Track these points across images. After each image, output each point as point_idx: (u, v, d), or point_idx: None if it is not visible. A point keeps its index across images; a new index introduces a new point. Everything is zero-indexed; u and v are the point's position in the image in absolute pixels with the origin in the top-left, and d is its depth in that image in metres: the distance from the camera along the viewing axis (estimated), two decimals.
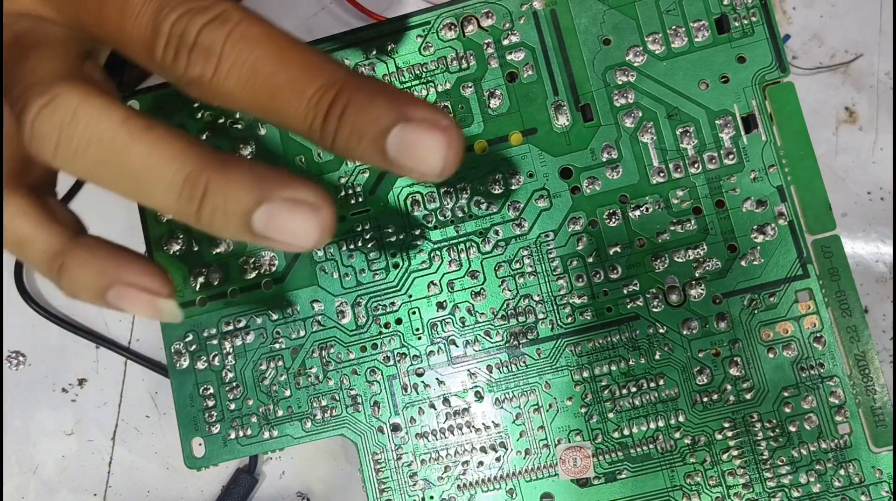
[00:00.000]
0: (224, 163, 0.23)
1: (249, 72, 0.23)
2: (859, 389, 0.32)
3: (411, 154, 0.22)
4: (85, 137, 0.23)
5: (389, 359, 0.34)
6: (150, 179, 0.23)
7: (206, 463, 0.35)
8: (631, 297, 0.33)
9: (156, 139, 0.23)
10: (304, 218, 0.23)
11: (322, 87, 0.22)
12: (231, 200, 0.23)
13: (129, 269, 0.26)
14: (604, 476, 0.33)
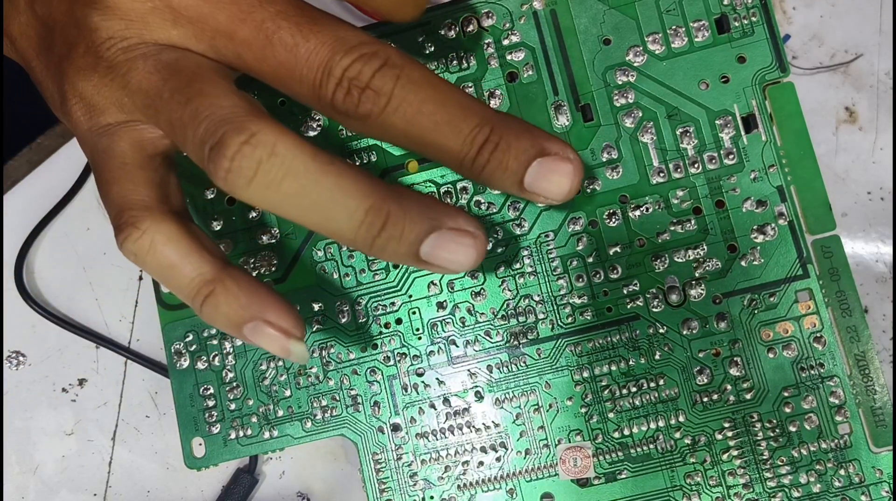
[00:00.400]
0: (400, 195, 0.26)
1: (414, 111, 0.26)
2: (859, 389, 0.32)
3: (545, 183, 0.27)
4: (281, 171, 0.25)
5: (389, 359, 0.34)
6: (336, 210, 0.25)
7: (206, 463, 0.35)
8: (631, 297, 0.33)
9: (340, 173, 0.25)
10: (465, 245, 0.26)
11: (477, 125, 0.26)
12: (407, 229, 0.26)
13: (270, 307, 0.28)
14: (604, 476, 0.33)
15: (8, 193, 0.41)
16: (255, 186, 0.25)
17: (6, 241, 0.40)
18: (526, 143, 0.27)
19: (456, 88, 0.27)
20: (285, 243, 0.34)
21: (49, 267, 0.40)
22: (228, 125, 0.25)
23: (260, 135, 0.25)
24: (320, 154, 0.25)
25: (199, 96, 0.26)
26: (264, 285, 0.29)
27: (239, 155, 0.24)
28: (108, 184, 0.28)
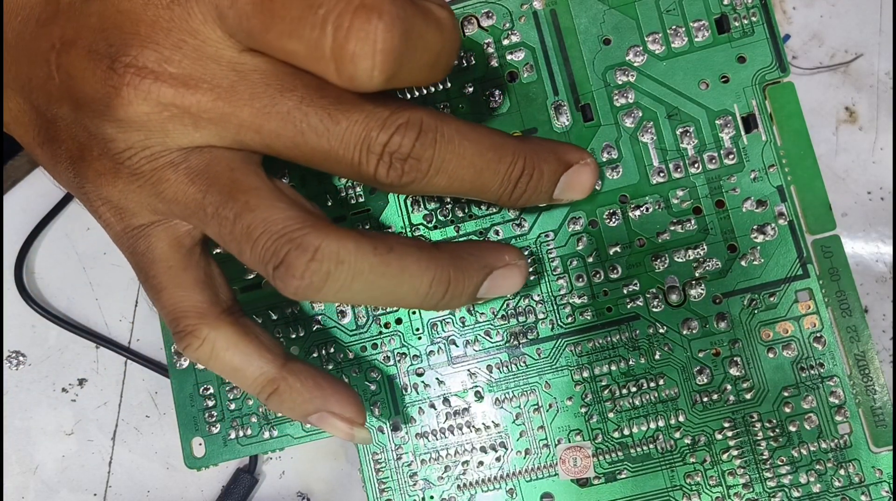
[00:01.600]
0: (454, 255, 0.28)
1: (455, 167, 0.27)
2: (859, 389, 0.32)
3: (571, 192, 0.31)
4: (350, 276, 0.26)
5: (389, 359, 0.34)
6: (403, 291, 0.27)
7: (206, 463, 0.35)
8: (631, 297, 0.33)
9: (401, 259, 0.26)
10: (512, 277, 0.30)
11: (510, 163, 0.28)
12: (466, 284, 0.28)
13: (333, 399, 0.29)
14: (604, 475, 0.33)
15: (8, 193, 0.41)
16: (326, 292, 0.26)
17: (6, 241, 0.40)
18: (553, 164, 0.30)
19: (483, 126, 0.28)
20: None
21: (49, 267, 0.40)
22: (290, 244, 0.25)
23: (323, 249, 0.25)
24: (379, 245, 0.26)
25: (246, 211, 0.26)
26: (325, 376, 0.30)
27: (308, 272, 0.25)
28: (156, 291, 0.29)
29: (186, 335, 0.28)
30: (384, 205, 0.34)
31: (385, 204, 0.34)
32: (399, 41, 0.23)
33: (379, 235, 0.27)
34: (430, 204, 0.34)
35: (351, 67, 0.23)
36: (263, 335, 0.30)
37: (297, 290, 0.25)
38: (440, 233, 0.34)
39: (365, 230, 0.27)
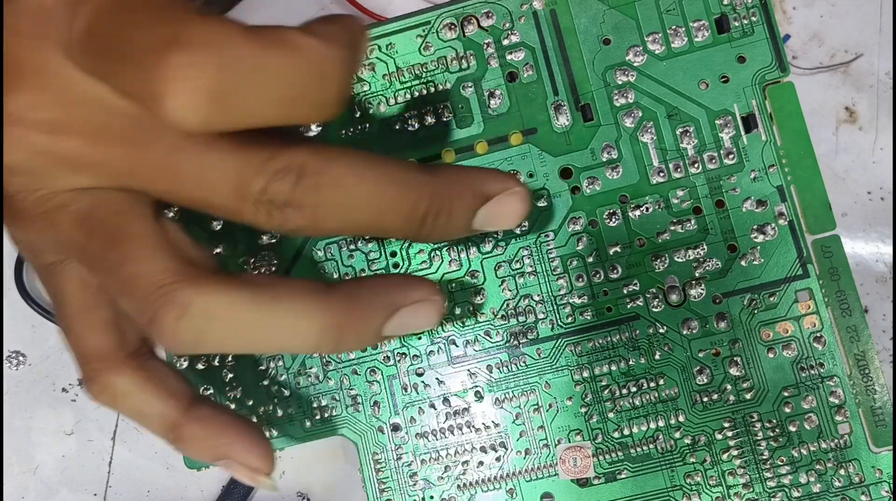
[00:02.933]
0: (349, 297, 0.26)
1: (346, 212, 0.25)
2: (859, 389, 0.32)
3: (495, 224, 0.28)
4: (226, 330, 0.24)
5: (389, 359, 0.34)
6: (292, 340, 0.25)
7: (206, 463, 0.34)
8: (631, 297, 0.33)
9: (285, 306, 0.24)
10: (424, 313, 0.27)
11: (413, 203, 0.25)
12: (364, 328, 0.26)
13: (237, 447, 0.28)
14: (604, 475, 0.33)
15: None
16: (204, 348, 0.25)
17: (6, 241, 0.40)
18: (467, 199, 0.27)
19: (383, 162, 0.25)
20: (285, 242, 0.34)
21: None
22: (161, 300, 0.24)
23: (192, 307, 0.24)
24: (261, 294, 0.24)
25: (125, 262, 0.25)
26: (231, 421, 0.29)
27: (178, 331, 0.24)
28: (64, 331, 0.28)
29: (88, 381, 0.28)
30: None
31: None
32: (212, 76, 0.20)
33: (265, 282, 0.25)
34: None
35: (164, 108, 0.21)
36: (170, 378, 0.29)
37: (171, 347, 0.25)
38: None
39: (251, 278, 0.25)
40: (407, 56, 0.34)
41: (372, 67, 0.34)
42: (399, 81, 0.34)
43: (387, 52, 0.34)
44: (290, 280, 0.26)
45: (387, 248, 0.34)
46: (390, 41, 0.34)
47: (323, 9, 0.39)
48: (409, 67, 0.34)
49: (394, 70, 0.34)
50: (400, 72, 0.34)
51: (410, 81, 0.34)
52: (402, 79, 0.34)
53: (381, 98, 0.34)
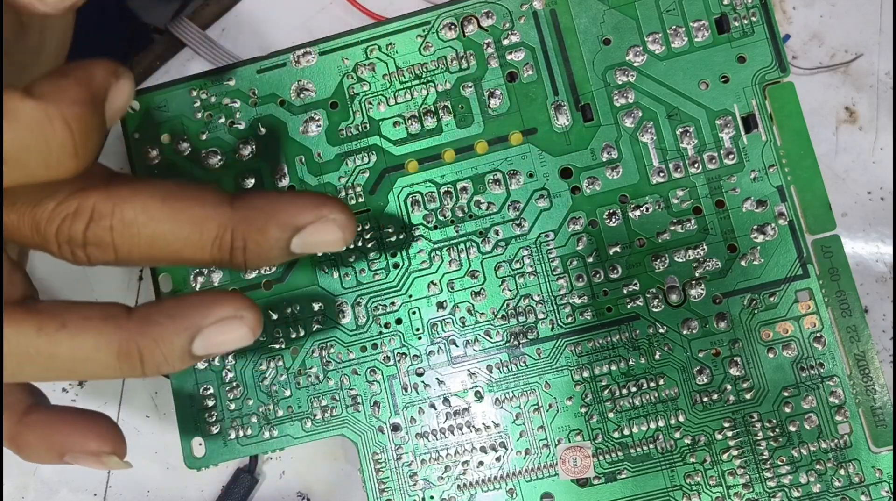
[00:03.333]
0: (145, 324, 0.25)
1: (146, 247, 0.25)
2: (859, 389, 0.32)
3: (315, 248, 0.27)
4: (16, 363, 0.25)
5: (389, 359, 0.34)
6: (85, 365, 0.25)
7: (206, 463, 0.34)
8: (631, 297, 0.33)
9: (74, 333, 0.25)
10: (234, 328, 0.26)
11: (216, 235, 0.25)
12: (167, 352, 0.25)
13: (72, 439, 0.28)
14: (604, 475, 0.33)
15: None
16: None
17: None
18: (274, 232, 0.26)
19: (180, 196, 0.25)
20: None
21: (49, 267, 0.40)
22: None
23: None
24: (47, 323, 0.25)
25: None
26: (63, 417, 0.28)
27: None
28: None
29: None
30: (384, 205, 0.34)
31: (385, 204, 0.34)
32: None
33: (55, 309, 0.25)
34: (430, 204, 0.34)
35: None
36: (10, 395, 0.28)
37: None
38: (440, 233, 0.34)
39: (42, 306, 0.25)
40: (407, 56, 0.34)
41: (372, 66, 0.34)
42: (399, 81, 0.34)
43: (387, 52, 0.34)
44: (86, 306, 0.26)
45: (387, 248, 0.34)
46: (390, 41, 0.34)
47: (323, 9, 0.39)
48: (409, 66, 0.34)
49: (394, 70, 0.34)
50: (400, 72, 0.34)
51: (410, 81, 0.34)
52: (402, 79, 0.34)
53: (381, 98, 0.34)
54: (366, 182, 0.34)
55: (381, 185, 0.34)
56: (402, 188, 0.34)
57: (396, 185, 0.34)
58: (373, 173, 0.34)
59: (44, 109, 0.22)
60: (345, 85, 0.35)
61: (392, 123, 0.34)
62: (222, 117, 0.35)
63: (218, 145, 0.35)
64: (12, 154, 0.22)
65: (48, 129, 0.22)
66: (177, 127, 0.35)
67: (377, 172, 0.34)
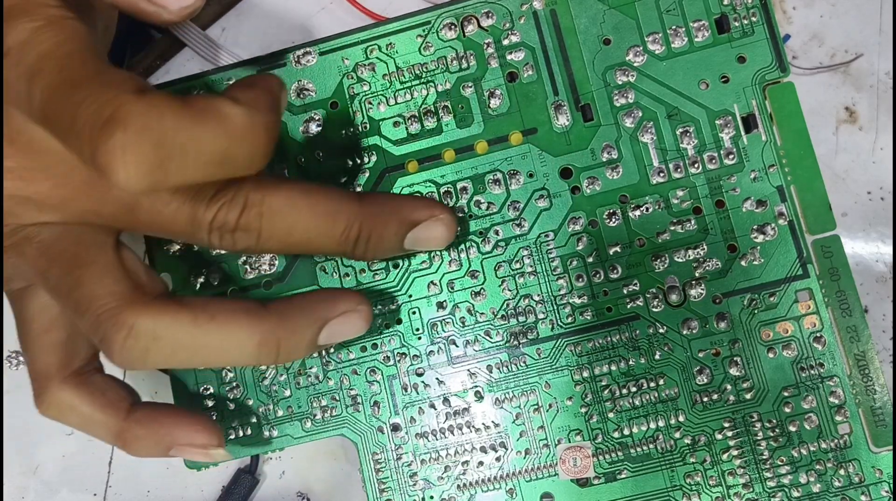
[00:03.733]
0: (282, 313, 0.29)
1: (285, 234, 0.29)
2: (859, 389, 0.32)
3: (424, 246, 0.32)
4: (169, 348, 0.27)
5: (389, 359, 0.34)
6: (233, 356, 0.29)
7: (206, 463, 0.34)
8: (631, 297, 0.33)
9: (222, 326, 0.28)
10: (351, 323, 0.30)
11: (345, 227, 0.29)
12: (298, 341, 0.29)
13: (180, 432, 0.31)
14: (604, 475, 0.33)
15: None
16: (150, 365, 0.28)
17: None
18: (394, 226, 0.31)
19: (318, 192, 0.29)
20: None
21: None
22: (108, 322, 0.27)
23: (138, 326, 0.27)
24: (200, 315, 0.28)
25: (77, 286, 0.28)
26: (169, 414, 0.32)
27: (125, 350, 0.27)
28: (23, 351, 0.31)
29: (36, 397, 0.31)
30: None
31: None
32: (149, 150, 0.23)
33: (203, 303, 0.28)
34: None
35: (109, 177, 0.24)
36: (111, 390, 0.31)
37: (120, 364, 0.27)
38: None
39: (190, 300, 0.28)
40: (407, 56, 0.34)
41: (372, 67, 0.34)
42: (399, 81, 0.34)
43: (387, 52, 0.34)
44: (228, 302, 0.29)
45: None
46: (390, 41, 0.34)
47: (323, 8, 0.39)
48: (409, 66, 0.34)
49: (394, 70, 0.34)
50: (400, 72, 0.34)
51: (410, 81, 0.34)
52: (402, 79, 0.34)
53: (381, 98, 0.34)
54: (366, 182, 0.34)
55: (381, 185, 0.34)
56: (402, 188, 0.34)
57: (396, 185, 0.34)
58: (373, 173, 0.34)
59: (252, 116, 0.25)
60: (345, 85, 0.35)
61: (392, 123, 0.34)
62: None
63: None
64: (226, 155, 0.25)
65: (255, 134, 0.25)
66: None
67: (377, 173, 0.34)
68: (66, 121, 0.24)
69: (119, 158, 0.23)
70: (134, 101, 0.24)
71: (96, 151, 0.23)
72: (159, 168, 0.24)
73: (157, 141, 0.23)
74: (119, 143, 0.23)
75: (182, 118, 0.24)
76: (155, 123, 0.23)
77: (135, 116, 0.23)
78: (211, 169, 0.25)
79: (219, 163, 0.25)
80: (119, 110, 0.23)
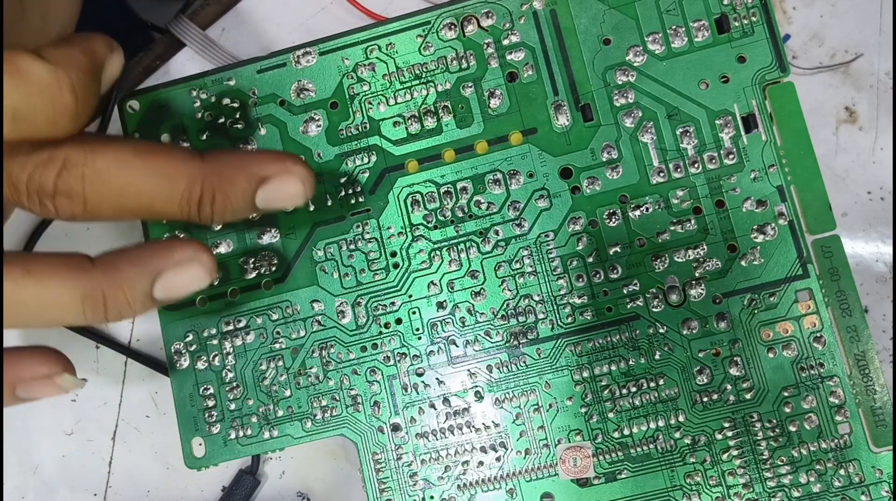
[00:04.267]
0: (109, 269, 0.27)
1: (116, 198, 0.26)
2: (859, 389, 0.32)
3: (278, 204, 0.29)
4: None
5: (389, 359, 0.34)
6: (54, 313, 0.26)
7: (207, 463, 0.34)
8: (631, 297, 0.33)
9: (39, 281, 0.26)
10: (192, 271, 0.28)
11: (186, 187, 0.27)
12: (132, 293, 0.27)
13: (18, 367, 0.28)
14: (604, 475, 0.33)
15: None
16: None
17: (7, 241, 0.40)
18: (241, 183, 0.28)
19: (151, 149, 0.27)
20: (285, 242, 0.34)
21: None
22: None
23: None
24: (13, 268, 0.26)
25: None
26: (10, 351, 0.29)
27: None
28: None
29: None
30: (384, 205, 0.34)
31: (385, 204, 0.34)
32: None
33: (19, 257, 0.26)
34: (430, 204, 0.34)
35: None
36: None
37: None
38: (440, 233, 0.34)
39: (7, 254, 0.26)
40: (407, 56, 0.34)
41: (372, 66, 0.34)
42: (399, 81, 0.34)
43: (387, 52, 0.34)
44: (46, 255, 0.27)
45: (387, 248, 0.34)
46: (390, 41, 0.34)
47: (323, 8, 0.39)
48: (409, 66, 0.34)
49: (394, 70, 0.34)
50: (400, 72, 0.34)
51: (410, 81, 0.34)
52: (402, 79, 0.34)
53: (382, 98, 0.34)
54: (366, 182, 0.34)
55: (381, 185, 0.34)
56: (402, 188, 0.34)
57: (396, 185, 0.34)
58: (373, 173, 0.34)
59: (54, 72, 0.24)
60: (345, 85, 0.35)
61: (392, 123, 0.34)
62: (222, 118, 0.35)
63: (218, 145, 0.35)
64: (21, 111, 0.23)
65: (56, 91, 0.24)
66: (177, 127, 0.35)
67: (377, 172, 0.34)
68: None
69: None
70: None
71: None
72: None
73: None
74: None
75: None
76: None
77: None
78: (8, 125, 0.24)
79: (13, 118, 0.24)
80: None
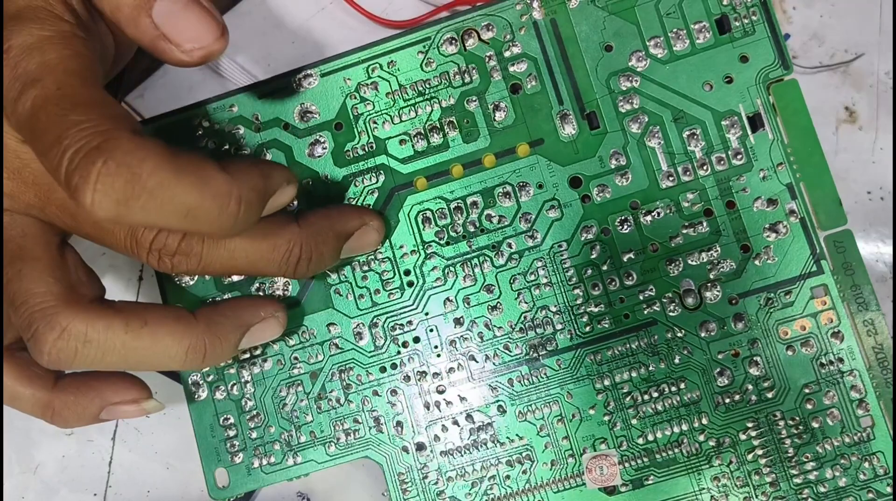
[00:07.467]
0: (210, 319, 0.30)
1: (227, 259, 0.29)
2: (879, 381, 0.33)
3: (358, 252, 0.33)
4: (100, 352, 0.28)
5: (410, 378, 0.34)
6: (161, 360, 0.29)
7: (231, 494, 0.34)
8: (647, 302, 0.33)
9: (153, 332, 0.29)
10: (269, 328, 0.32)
11: (286, 251, 0.30)
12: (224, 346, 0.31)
13: (108, 391, 0.32)
14: (631, 482, 0.33)
15: None
16: (78, 365, 0.28)
17: None
18: (331, 242, 0.31)
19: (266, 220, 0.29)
20: None
21: None
22: (41, 320, 0.28)
23: (70, 328, 0.28)
24: (132, 321, 0.29)
25: (15, 280, 0.29)
26: (96, 376, 0.32)
27: (54, 350, 0.28)
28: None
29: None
30: (395, 224, 0.34)
31: (395, 223, 0.34)
32: (120, 186, 0.24)
33: (135, 309, 0.29)
34: (441, 220, 0.34)
35: (76, 197, 0.24)
36: (36, 365, 0.31)
37: (46, 362, 0.28)
38: (452, 249, 0.34)
39: (123, 306, 0.29)
40: (409, 73, 0.34)
41: (374, 85, 0.34)
42: (403, 99, 0.34)
43: (388, 71, 0.34)
44: (159, 308, 0.30)
45: (400, 267, 0.34)
46: (391, 59, 0.34)
47: (323, 9, 0.39)
48: (412, 84, 0.34)
49: (397, 88, 0.34)
50: (403, 89, 0.34)
51: (414, 98, 0.34)
52: (405, 96, 0.34)
53: (386, 117, 0.34)
54: (375, 202, 0.34)
55: (390, 204, 0.34)
56: (411, 206, 0.34)
57: (406, 203, 0.34)
58: (382, 193, 0.34)
59: (229, 183, 0.26)
60: (348, 105, 0.34)
61: (398, 142, 0.34)
62: (227, 145, 0.34)
63: None
64: (193, 210, 0.25)
65: (225, 201, 0.26)
66: None
67: (386, 192, 0.34)
68: (52, 136, 0.24)
69: (91, 184, 0.24)
70: (126, 138, 0.24)
71: (74, 172, 0.24)
72: (124, 205, 0.24)
73: (130, 179, 0.24)
74: (96, 170, 0.24)
75: (162, 165, 0.24)
76: (135, 163, 0.24)
77: (120, 152, 0.24)
78: (173, 219, 0.25)
79: (182, 216, 0.25)
80: (108, 142, 0.24)
